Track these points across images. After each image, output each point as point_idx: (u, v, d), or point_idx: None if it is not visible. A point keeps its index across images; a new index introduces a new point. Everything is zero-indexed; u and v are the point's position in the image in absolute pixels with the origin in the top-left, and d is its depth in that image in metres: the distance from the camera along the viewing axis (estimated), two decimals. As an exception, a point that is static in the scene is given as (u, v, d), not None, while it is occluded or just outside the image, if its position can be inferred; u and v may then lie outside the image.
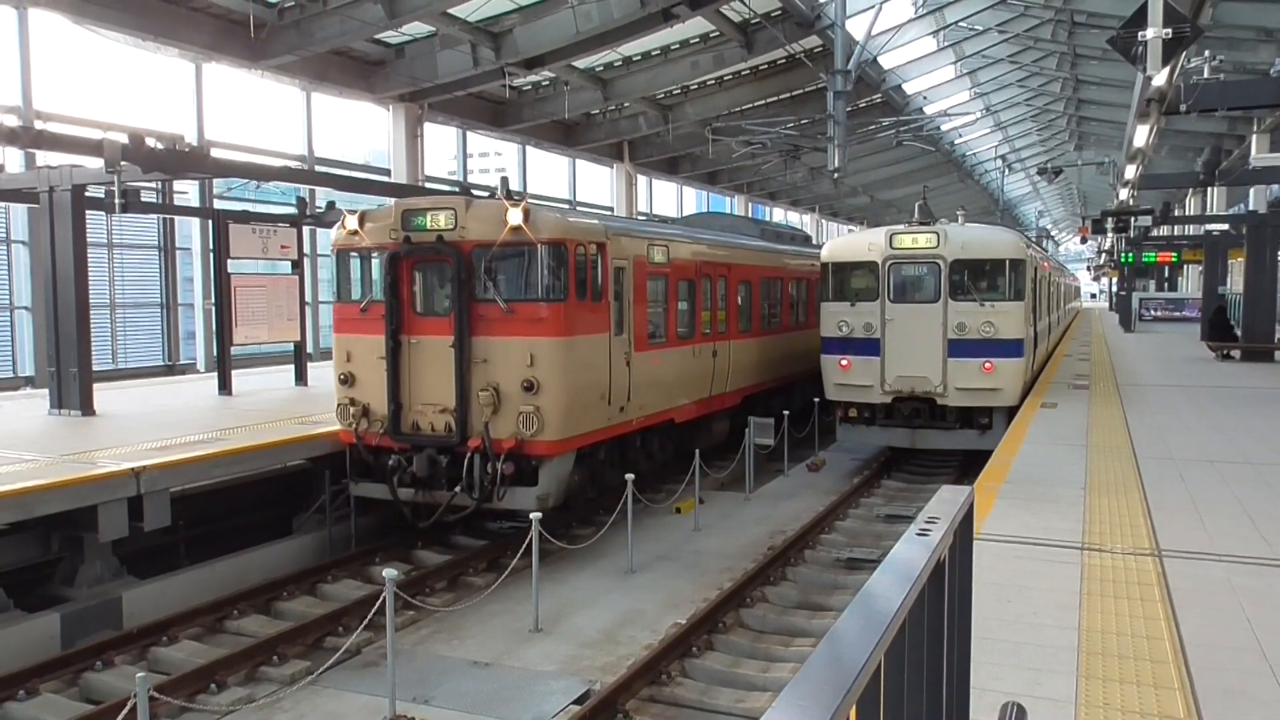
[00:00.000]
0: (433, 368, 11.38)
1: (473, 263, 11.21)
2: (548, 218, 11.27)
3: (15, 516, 9.09)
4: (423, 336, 11.55)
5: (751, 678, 8.34)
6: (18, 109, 16.22)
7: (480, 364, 11.18)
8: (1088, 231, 41.37)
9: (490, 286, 11.20)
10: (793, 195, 46.29)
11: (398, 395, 11.55)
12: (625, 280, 12.62)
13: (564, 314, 11.14)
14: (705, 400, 15.54)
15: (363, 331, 11.85)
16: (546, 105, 25.77)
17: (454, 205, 11.36)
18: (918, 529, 2.34)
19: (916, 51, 28.08)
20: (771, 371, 18.79)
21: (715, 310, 15.88)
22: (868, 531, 13.17)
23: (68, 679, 8.38)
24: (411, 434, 11.52)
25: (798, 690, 1.43)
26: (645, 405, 13.24)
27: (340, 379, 11.98)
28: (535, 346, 11.00)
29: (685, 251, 14.84)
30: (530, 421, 10.94)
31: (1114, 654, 5.52)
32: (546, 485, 11.14)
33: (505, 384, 11.05)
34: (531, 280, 11.20)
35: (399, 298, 11.59)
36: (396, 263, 11.56)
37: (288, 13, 18.29)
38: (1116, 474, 10.34)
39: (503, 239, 11.00)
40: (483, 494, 10.96)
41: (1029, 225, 72.34)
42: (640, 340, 13.03)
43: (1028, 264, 15.98)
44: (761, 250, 18.64)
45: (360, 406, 11.77)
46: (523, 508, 10.83)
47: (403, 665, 7.98)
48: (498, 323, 11.14)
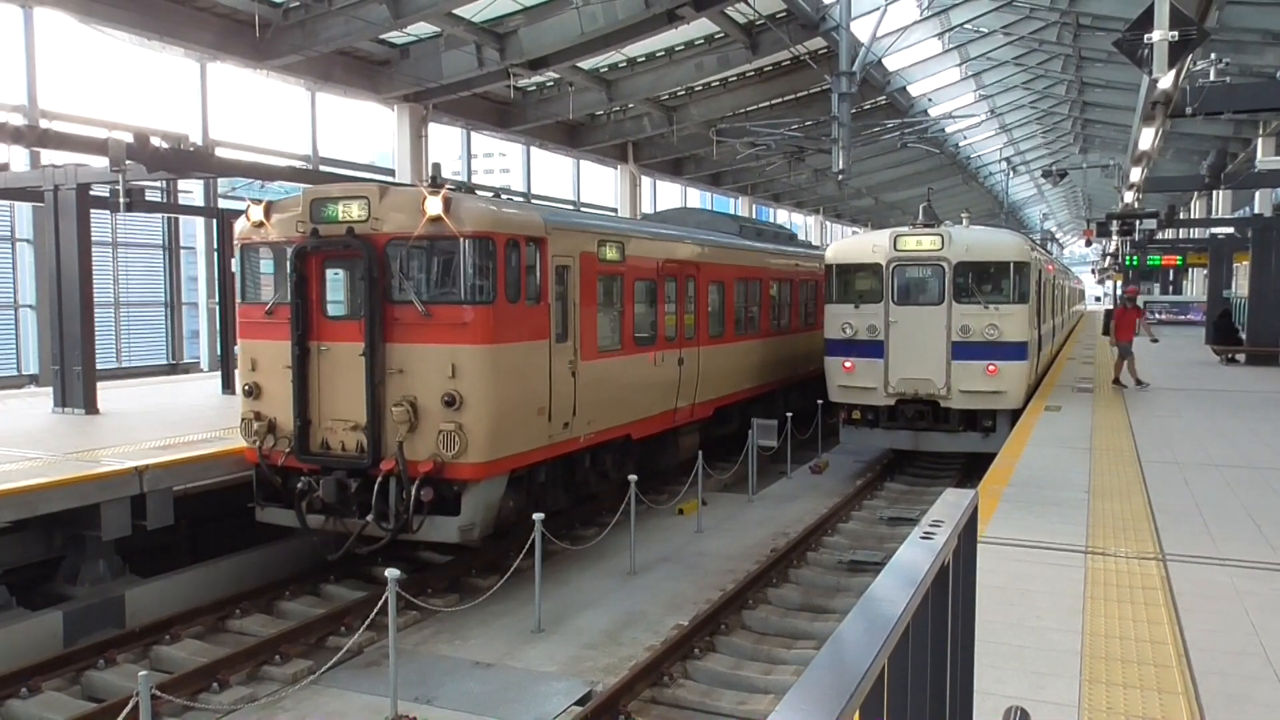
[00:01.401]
0: (344, 378, 10.05)
1: (387, 259, 9.91)
2: (473, 207, 9.89)
3: (18, 514, 9.11)
4: (333, 343, 10.20)
5: (754, 680, 8.33)
6: (23, 108, 16.25)
7: (395, 375, 9.87)
8: (1092, 234, 41.33)
9: (407, 286, 9.92)
10: (797, 197, 46.27)
11: (305, 410, 10.23)
12: (570, 280, 11.34)
13: (491, 318, 9.81)
14: (669, 413, 14.25)
15: (268, 336, 10.54)
16: (551, 106, 25.77)
17: (367, 193, 10.03)
18: (922, 532, 2.33)
19: (921, 54, 28.05)
20: (750, 380, 17.57)
21: (681, 314, 14.57)
22: (871, 534, 13.15)
23: (70, 677, 8.39)
24: (321, 454, 10.21)
25: (801, 694, 1.43)
26: (595, 420, 11.89)
27: (244, 390, 10.70)
28: (457, 355, 9.68)
29: (644, 248, 13.51)
30: (451, 441, 9.60)
31: (1117, 658, 5.50)
32: (471, 514, 9.83)
33: (423, 398, 9.73)
34: (453, 279, 9.86)
35: (306, 298, 10.24)
36: (304, 258, 10.23)
37: (293, 13, 18.31)
38: (1120, 478, 10.31)
39: (420, 231, 9.70)
40: (398, 523, 9.68)
41: (1033, 228, 72.22)
42: (588, 347, 11.68)
43: (1032, 267, 15.95)
44: (738, 248, 17.32)
45: (266, 421, 10.44)
46: (443, 539, 9.87)
47: (405, 665, 7.98)
48: (415, 328, 9.82)
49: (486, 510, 10.08)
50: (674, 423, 14.44)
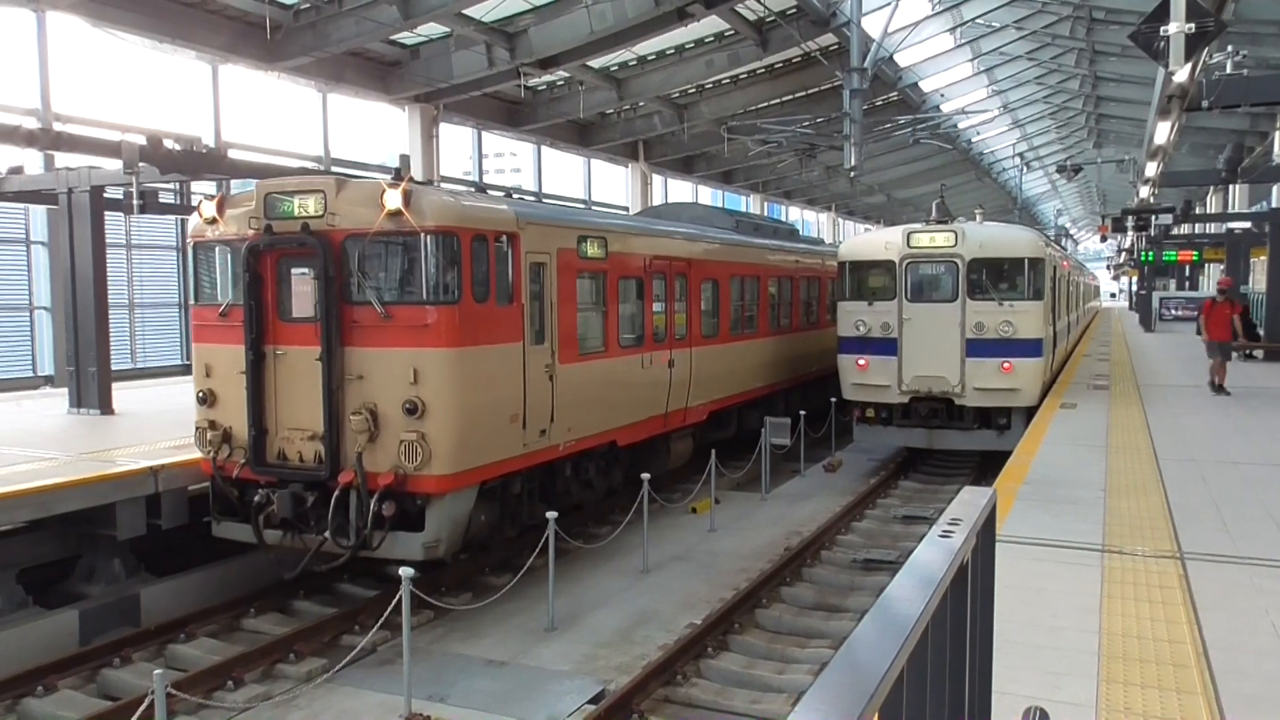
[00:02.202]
0: (301, 385, 9.43)
1: (344, 256, 9.30)
2: (436, 201, 9.26)
3: (35, 514, 9.17)
4: (289, 346, 9.59)
5: (767, 679, 8.30)
6: (37, 111, 16.33)
7: (354, 381, 9.26)
8: (1107, 230, 41.06)
9: (365, 285, 9.32)
10: (809, 194, 46.15)
11: (261, 418, 9.62)
12: (546, 278, 10.69)
13: (456, 319, 9.17)
14: (660, 418, 13.58)
15: (223, 340, 9.92)
16: (561, 105, 25.76)
17: (323, 187, 9.43)
18: (940, 531, 2.30)
19: (933, 49, 27.92)
20: (748, 382, 16.84)
21: (671, 313, 13.86)
22: (885, 532, 13.10)
23: (85, 676, 8.43)
24: (278, 465, 9.61)
25: (820, 695, 1.40)
26: (576, 427, 11.24)
27: (199, 397, 10.09)
28: (419, 359, 9.06)
29: (629, 244, 12.78)
30: (414, 452, 8.98)
31: (1135, 658, 5.45)
32: (436, 529, 9.20)
33: (384, 405, 9.13)
34: (415, 277, 9.27)
35: (261, 300, 9.64)
36: (257, 257, 9.62)
37: (303, 14, 18.35)
38: (1137, 475, 10.23)
39: (379, 227, 9.09)
40: (358, 540, 9.10)
41: (1048, 224, 71.92)
42: (567, 350, 11.06)
43: (1047, 263, 15.86)
44: (733, 244, 16.57)
45: (221, 431, 9.84)
46: (406, 557, 9.07)
47: (419, 664, 7.98)
48: (375, 330, 9.21)
49: (453, 525, 9.44)
50: (665, 428, 13.83)
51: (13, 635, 8.79)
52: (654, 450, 13.80)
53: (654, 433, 13.54)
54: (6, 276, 18.44)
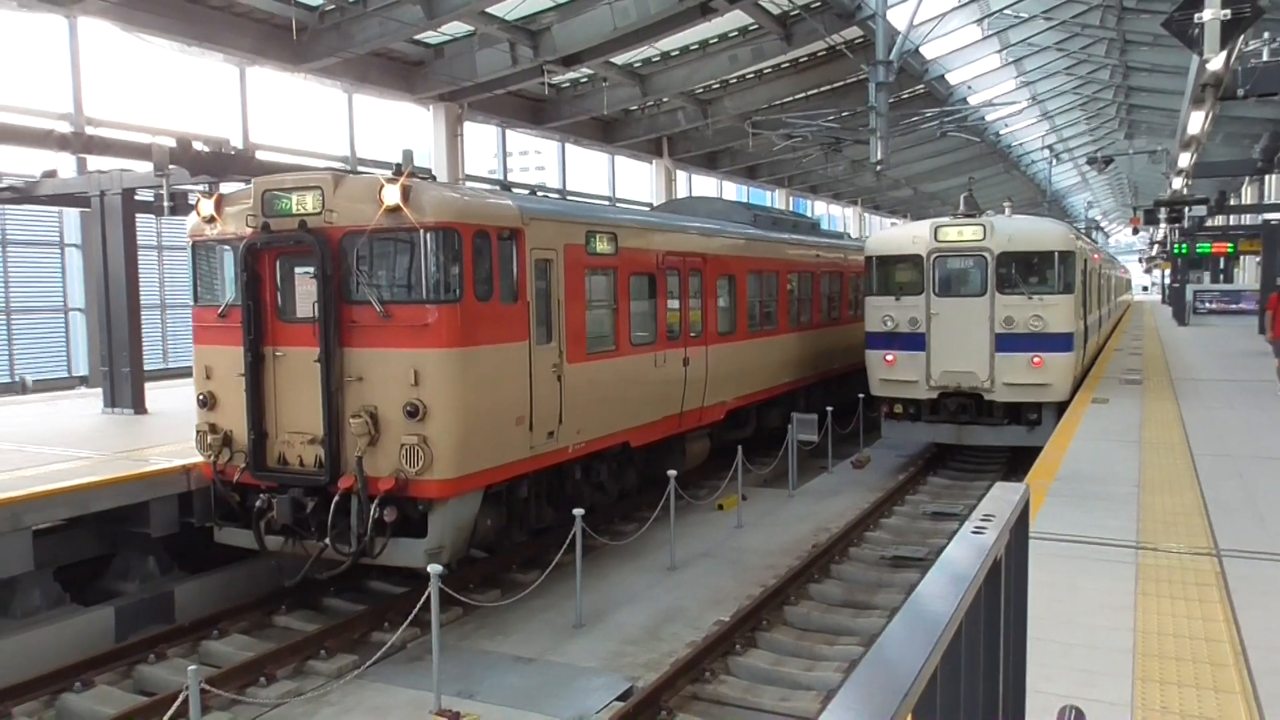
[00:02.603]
0: (301, 387, 9.23)
1: (342, 254, 9.07)
2: (436, 196, 9.02)
3: (71, 512, 9.31)
4: (289, 348, 9.39)
5: (796, 676, 8.27)
6: (69, 116, 16.54)
7: (354, 383, 9.05)
8: (1139, 222, 40.59)
9: (364, 284, 9.09)
10: (834, 189, 45.91)
11: (260, 421, 9.43)
12: (553, 275, 10.42)
13: (457, 318, 8.91)
14: (675, 418, 13.28)
15: (222, 341, 9.74)
16: (585, 102, 25.77)
17: (321, 183, 9.20)
18: (972, 527, 2.27)
19: (960, 41, 27.67)
20: (767, 380, 16.47)
21: (686, 310, 13.54)
22: (913, 529, 13.02)
23: (122, 671, 8.55)
24: (278, 469, 9.43)
25: (852, 694, 1.38)
26: (586, 428, 11.00)
27: (199, 400, 9.94)
28: (420, 360, 8.81)
29: (641, 240, 12.51)
30: (415, 455, 8.76)
31: (1171, 656, 5.37)
32: (439, 535, 9.01)
33: (385, 408, 8.90)
34: (415, 276, 9.05)
35: (260, 299, 9.46)
36: (255, 255, 9.43)
37: (328, 15, 18.46)
38: (1171, 471, 10.09)
39: (377, 223, 8.86)
40: (360, 546, 8.91)
41: (1078, 216, 71.06)
42: (576, 349, 10.79)
43: (1077, 256, 15.68)
44: (750, 238, 16.18)
45: (222, 434, 9.68)
46: (408, 564, 9.10)
47: (447, 660, 8.02)
48: (374, 330, 8.98)
49: (457, 531, 9.20)
50: (680, 428, 13.53)
51: (51, 631, 8.94)
52: (669, 451, 13.50)
53: (669, 433, 13.23)
54: (42, 279, 18.73)
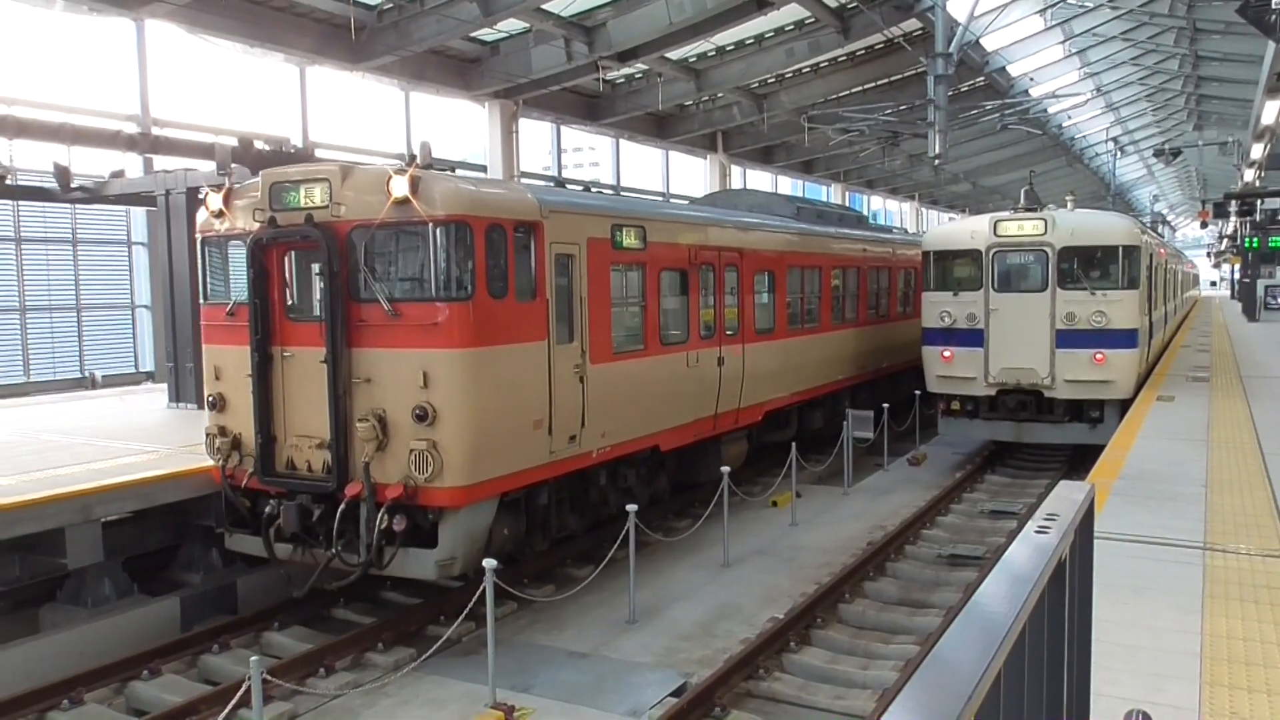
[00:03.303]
0: (309, 389, 8.87)
1: (350, 249, 8.67)
2: (447, 188, 8.55)
3: (139, 505, 9.56)
4: (297, 348, 9.00)
5: (851, 674, 8.20)
6: (137, 117, 16.98)
7: (362, 385, 8.64)
8: (1208, 216, 39.46)
9: (372, 280, 8.69)
10: (891, 183, 45.38)
11: (269, 425, 9.10)
12: (575, 271, 9.94)
13: (470, 317, 8.46)
14: (709, 420, 12.69)
15: (231, 341, 9.39)
16: (640, 98, 25.78)
17: (329, 175, 8.80)
18: (1036, 527, 2.22)
19: (1022, 31, 27.13)
20: (807, 379, 15.76)
21: (720, 307, 12.94)
22: (971, 527, 12.83)
23: (187, 660, 8.77)
24: (286, 474, 9.09)
25: (914, 696, 1.36)
26: (611, 431, 10.49)
27: (208, 402, 9.63)
28: (429, 361, 8.39)
29: (671, 233, 11.91)
30: (425, 462, 8.34)
31: (1241, 660, 5.22)
32: (450, 546, 8.59)
33: (394, 411, 8.50)
34: (424, 272, 8.66)
35: (267, 297, 9.10)
36: (262, 251, 9.07)
37: (386, 14, 18.71)
38: (1241, 471, 9.80)
39: (385, 216, 8.45)
40: (368, 556, 8.53)
41: (1143, 210, 69.43)
42: (600, 348, 10.30)
43: (1142, 250, 15.32)
44: (791, 232, 15.52)
45: (231, 438, 9.36)
46: (418, 576, 8.77)
47: (502, 654, 8.08)
48: (383, 330, 8.57)
49: (470, 541, 8.77)
50: (715, 430, 12.88)
51: (120, 621, 9.20)
52: (704, 454, 12.97)
53: (702, 435, 12.64)
54: (110, 276, 19.26)
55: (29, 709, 7.71)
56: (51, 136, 13.58)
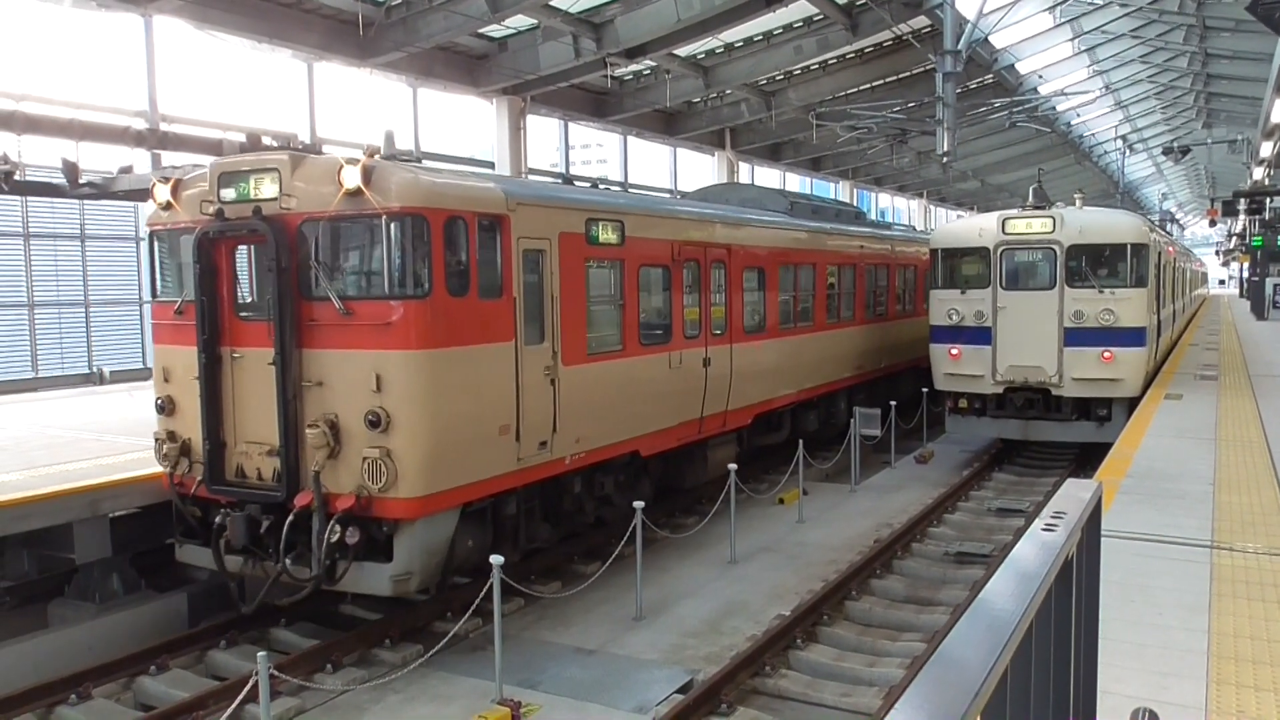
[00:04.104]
0: (260, 392, 8.38)
1: (300, 244, 8.20)
2: (403, 178, 8.06)
3: (146, 500, 9.58)
4: (247, 349, 8.53)
5: (858, 671, 8.20)
6: (145, 113, 17.01)
7: (313, 388, 8.17)
8: (1217, 214, 39.37)
9: (322, 277, 8.21)
10: (899, 181, 45.28)
11: (218, 430, 8.61)
12: (546, 267, 9.42)
13: (426, 316, 7.98)
14: (694, 423, 12.18)
15: (180, 341, 8.87)
16: (648, 94, 25.75)
17: (278, 165, 8.29)
18: (1043, 525, 2.22)
19: (1031, 29, 27.04)
20: (800, 380, 15.30)
21: (707, 305, 12.42)
22: (978, 525, 12.81)
23: (195, 656, 8.80)
24: (236, 483, 8.61)
25: (920, 694, 1.36)
26: (586, 437, 10.00)
27: (157, 405, 9.15)
28: (382, 363, 7.91)
29: (652, 228, 11.38)
30: (378, 471, 7.85)
31: (1248, 659, 5.21)
32: (406, 560, 8.10)
33: (346, 416, 8.02)
34: (377, 267, 8.18)
35: (216, 294, 8.63)
36: (210, 245, 8.58)
37: (394, 10, 18.71)
38: (1249, 469, 9.78)
39: (336, 208, 7.98)
40: (319, 571, 8.02)
41: (1152, 208, 69.20)
42: (573, 349, 9.79)
43: (1150, 249, 15.27)
44: (783, 227, 15.02)
45: (180, 443, 8.88)
46: (373, 591, 8.27)
47: (509, 650, 8.10)
48: (334, 330, 8.09)
49: (428, 555, 8.29)
50: (700, 434, 12.39)
51: (128, 616, 9.24)
52: (689, 459, 12.56)
53: (687, 440, 12.14)
54: (118, 272, 19.32)
55: (37, 704, 7.76)
56: (60, 132, 13.61)
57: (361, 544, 8.01)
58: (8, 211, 17.55)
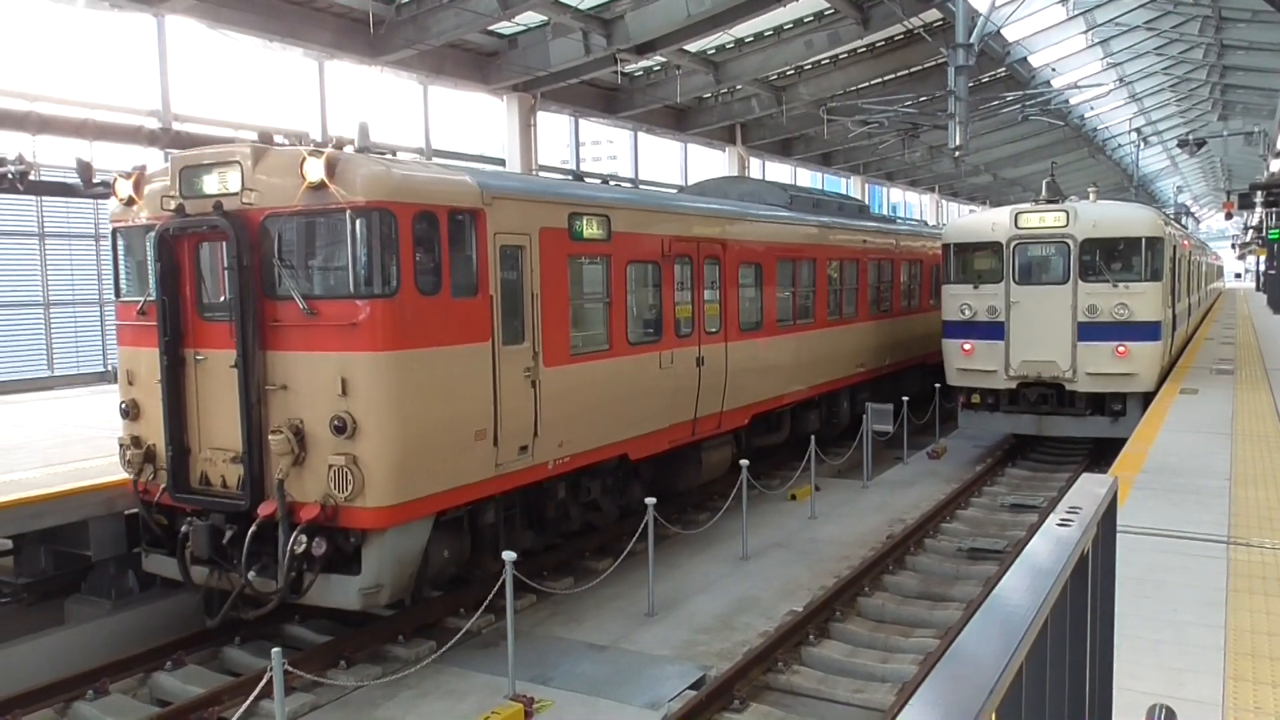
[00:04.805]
0: (224, 395, 8.04)
1: (262, 240, 7.86)
2: (370, 171, 7.71)
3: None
4: (211, 350, 8.19)
5: (871, 668, 8.18)
6: (158, 112, 17.09)
7: (277, 392, 7.84)
8: (1233, 207, 39.09)
9: (285, 275, 7.86)
10: (911, 175, 45.10)
11: (182, 435, 8.29)
12: (526, 264, 9.04)
13: (393, 316, 7.64)
14: (687, 424, 11.80)
15: (144, 343, 8.58)
16: (658, 90, 25.71)
17: (240, 158, 7.96)
18: (1057, 520, 2.20)
19: (1044, 22, 26.89)
20: (800, 379, 14.86)
21: (699, 303, 12.03)
22: (991, 521, 12.77)
23: (210, 652, 8.84)
24: (200, 490, 8.29)
25: (935, 690, 1.35)
26: (570, 441, 9.63)
27: (121, 409, 8.87)
28: (348, 365, 7.58)
29: (640, 222, 10.98)
30: (344, 479, 7.54)
31: (1265, 655, 5.18)
32: (375, 572, 7.76)
33: (311, 421, 7.69)
34: (342, 265, 7.80)
35: (178, 294, 8.30)
36: (171, 243, 8.26)
37: (405, 8, 18.74)
38: (1266, 464, 9.71)
39: (299, 203, 7.66)
40: (285, 583, 7.67)
41: (1166, 202, 68.75)
42: (555, 350, 9.40)
43: (1165, 242, 15.18)
44: (781, 222, 14.56)
45: (145, 449, 8.58)
46: (340, 605, 7.93)
47: (522, 646, 8.11)
48: (299, 331, 7.75)
49: (398, 566, 7.97)
50: (694, 435, 11.99)
51: (144, 612, 9.30)
52: (682, 462, 12.16)
53: (679, 442, 11.72)
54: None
55: (54, 699, 7.81)
56: (74, 132, 13.72)
57: (328, 555, 7.69)
58: (23, 211, 17.65)
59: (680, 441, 11.76)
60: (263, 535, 7.73)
